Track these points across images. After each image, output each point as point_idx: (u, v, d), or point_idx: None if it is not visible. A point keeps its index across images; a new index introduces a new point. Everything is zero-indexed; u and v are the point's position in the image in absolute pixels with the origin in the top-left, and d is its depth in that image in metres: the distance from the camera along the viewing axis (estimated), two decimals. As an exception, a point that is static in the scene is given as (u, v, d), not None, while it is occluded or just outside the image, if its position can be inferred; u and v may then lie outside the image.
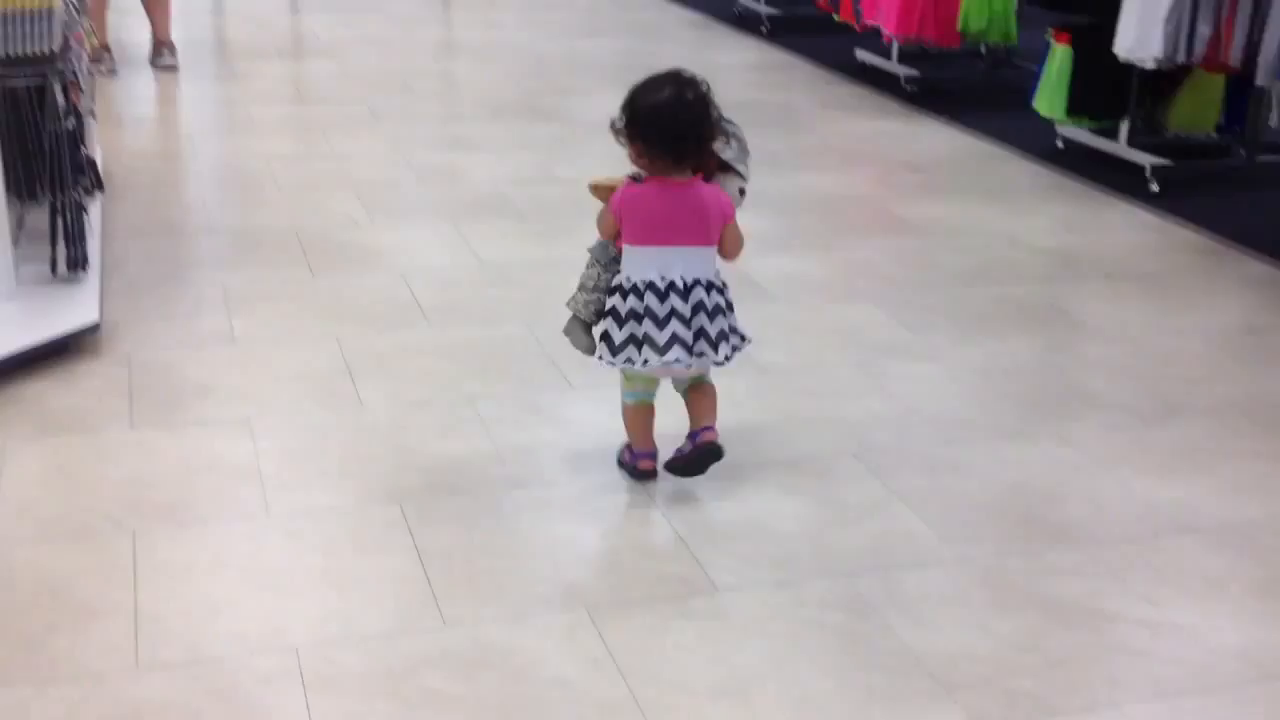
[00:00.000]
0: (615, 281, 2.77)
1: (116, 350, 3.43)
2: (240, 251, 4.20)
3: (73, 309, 3.46)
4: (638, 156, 2.74)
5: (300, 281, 3.98)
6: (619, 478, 2.90)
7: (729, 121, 2.85)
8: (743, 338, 2.84)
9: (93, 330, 3.42)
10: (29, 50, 3.41)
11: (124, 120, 5.73)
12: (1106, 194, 5.15)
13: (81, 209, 3.61)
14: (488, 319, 3.76)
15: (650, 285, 2.72)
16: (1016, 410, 3.31)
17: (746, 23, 8.27)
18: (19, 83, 3.47)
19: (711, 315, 2.74)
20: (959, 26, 6.34)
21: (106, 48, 6.45)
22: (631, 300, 2.73)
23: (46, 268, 3.60)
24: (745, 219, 2.82)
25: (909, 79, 6.60)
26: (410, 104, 6.19)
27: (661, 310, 2.71)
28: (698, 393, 2.87)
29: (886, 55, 6.84)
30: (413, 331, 3.66)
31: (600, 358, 2.78)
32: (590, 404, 3.20)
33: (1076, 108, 5.38)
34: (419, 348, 3.54)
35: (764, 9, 8.16)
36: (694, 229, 2.73)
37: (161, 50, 6.59)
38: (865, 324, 3.84)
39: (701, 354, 2.74)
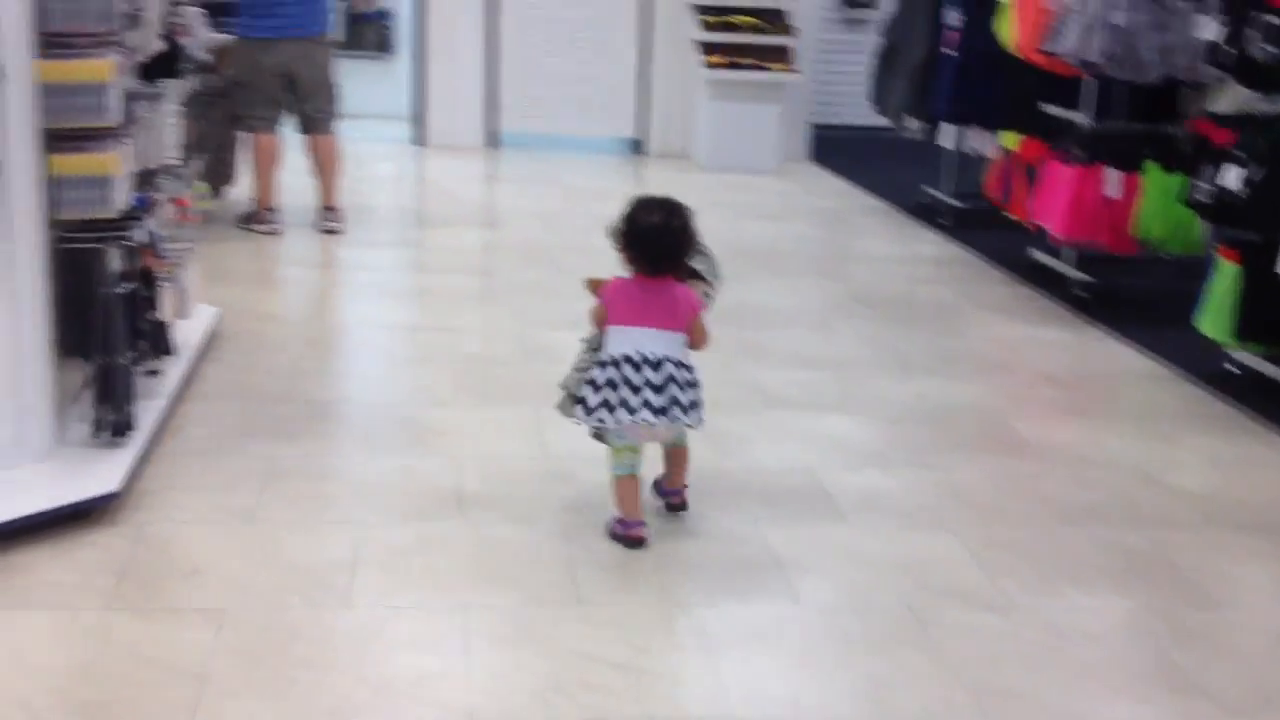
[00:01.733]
0: (598, 358, 3.32)
1: (131, 520, 3.35)
2: (307, 423, 4.11)
3: (98, 476, 3.40)
4: (626, 261, 3.34)
5: (351, 459, 3.86)
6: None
7: (705, 245, 3.52)
8: (702, 410, 3.35)
9: (109, 499, 3.35)
10: (87, 215, 3.43)
11: (263, 280, 5.83)
12: (1272, 431, 4.59)
13: (129, 374, 3.58)
14: (523, 518, 3.53)
15: (627, 359, 3.27)
16: (1081, 685, 2.86)
17: (929, 213, 7.98)
18: (75, 245, 3.48)
19: (682, 387, 3.29)
20: (1135, 233, 5.90)
21: (271, 208, 6.63)
22: (610, 371, 3.27)
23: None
24: (849, 425, 3.96)
25: (1079, 284, 6.16)
26: (549, 279, 6.11)
27: (638, 379, 3.25)
28: (675, 454, 3.54)
29: (1060, 256, 6.42)
30: (439, 525, 3.46)
31: (577, 420, 3.34)
32: (596, 628, 2.92)
33: (1246, 332, 4.87)
34: (438, 544, 3.34)
35: (948, 200, 7.86)
36: (666, 316, 3.31)
37: (327, 214, 6.74)
38: (935, 559, 3.44)
39: (673, 419, 3.27)
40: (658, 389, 3.26)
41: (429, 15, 9.56)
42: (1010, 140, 6.82)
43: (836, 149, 10.13)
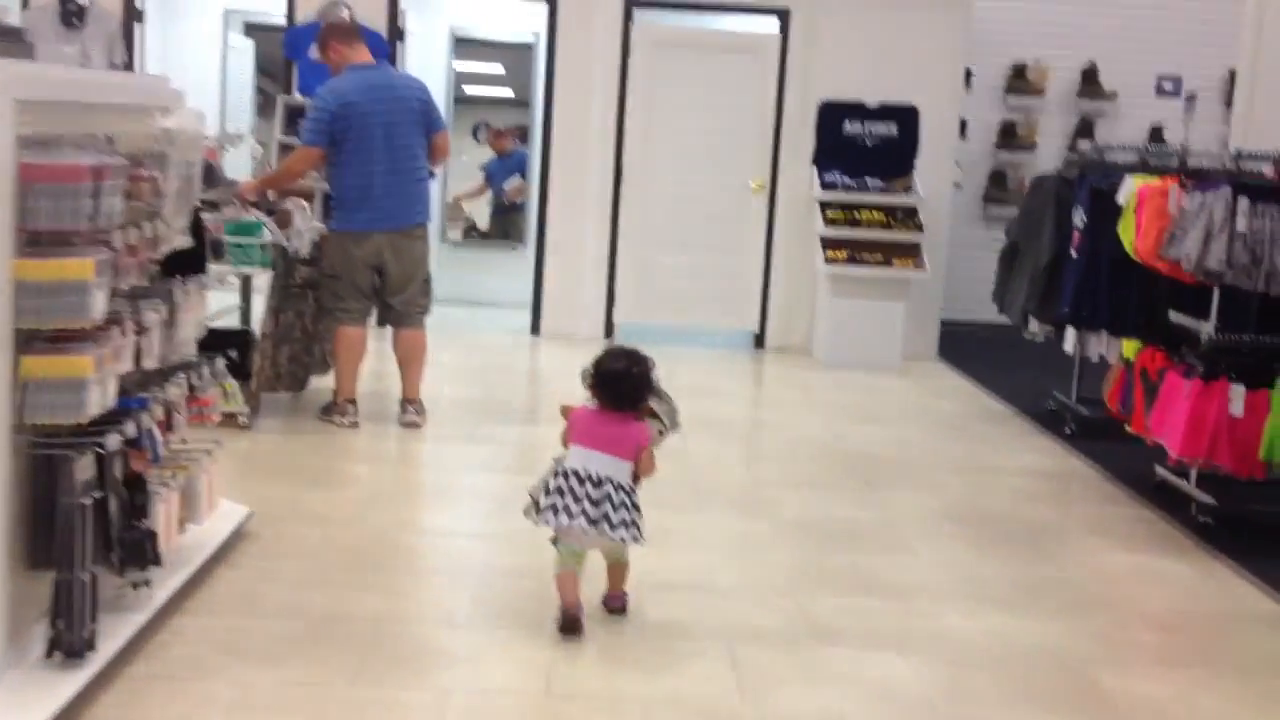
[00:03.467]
0: (555, 468, 3.94)
1: (63, 754, 3.09)
2: (299, 643, 3.83)
3: (35, 704, 3.16)
4: (593, 397, 4.00)
5: (328, 690, 3.54)
6: None
7: (666, 394, 4.16)
8: (640, 532, 3.92)
9: (42, 730, 3.10)
10: (55, 420, 3.27)
11: (319, 477, 5.65)
12: (1407, 694, 3.94)
13: (89, 590, 3.36)
14: (493, 770, 3.16)
15: (574, 473, 3.89)
16: None
17: (1055, 420, 7.44)
18: (43, 451, 3.32)
19: (615, 508, 3.86)
20: (1262, 455, 5.32)
21: (352, 400, 6.51)
22: (560, 481, 3.89)
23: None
24: (901, 668, 3.83)
25: (1203, 507, 5.56)
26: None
27: (580, 492, 3.86)
28: (614, 569, 4.13)
29: (1186, 476, 5.84)
30: (396, 775, 3.11)
31: (530, 518, 3.96)
32: None
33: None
34: (384, 799, 2.98)
35: (1074, 407, 7.33)
36: (615, 444, 3.93)
37: (407, 407, 6.60)
38: None
39: (601, 531, 3.84)
40: (595, 503, 3.85)
41: (550, 205, 9.55)
42: (1130, 349, 6.32)
43: (968, 347, 9.70)
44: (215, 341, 6.45)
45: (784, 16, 9.42)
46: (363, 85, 6.31)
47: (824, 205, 9.27)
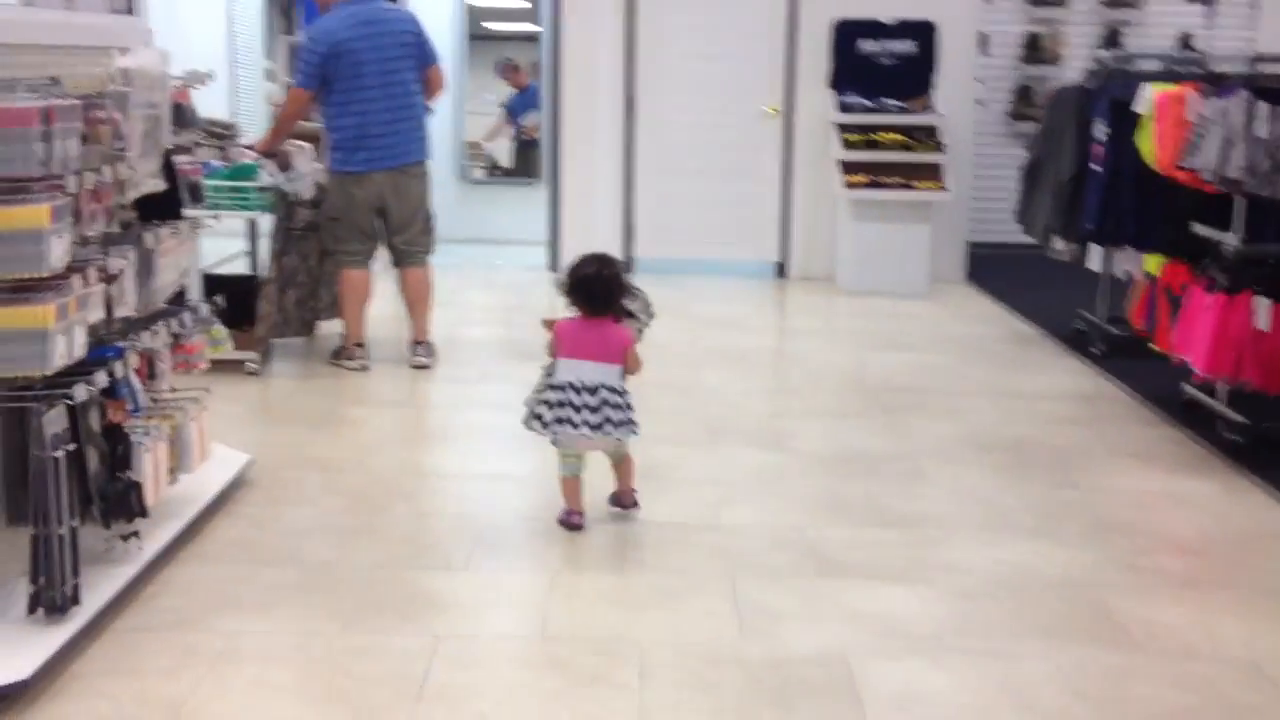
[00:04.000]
0: (549, 382, 4.15)
1: (43, 712, 3.02)
2: (292, 592, 3.75)
3: (15, 661, 3.10)
4: (571, 305, 4.20)
5: (317, 640, 3.46)
6: None
7: (638, 289, 4.34)
8: (635, 427, 4.20)
9: (20, 688, 3.04)
10: (18, 373, 3.18)
11: (325, 421, 5.56)
12: None
13: (68, 544, 3.28)
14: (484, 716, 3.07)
15: (570, 385, 4.11)
16: None
17: (1083, 342, 7.24)
18: (8, 405, 3.24)
19: (614, 409, 4.11)
20: (1290, 369, 5.13)
21: (361, 343, 6.42)
22: (558, 394, 4.11)
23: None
24: (908, 600, 3.79)
25: (1233, 425, 5.38)
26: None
27: (578, 401, 4.08)
28: (620, 465, 4.36)
29: (1214, 394, 5.65)
30: (382, 725, 3.03)
31: (534, 429, 4.17)
32: None
33: None
34: (367, 751, 2.90)
35: (1103, 326, 7.12)
36: (602, 351, 4.14)
37: (417, 348, 6.50)
38: (961, 788, 2.82)
39: (606, 433, 4.11)
40: (594, 409, 4.09)
41: (563, 139, 9.38)
42: (1153, 264, 6.11)
43: (997, 269, 9.48)
44: (219, 287, 6.45)
45: (796, -66, 9.14)
46: (352, 22, 6.15)
47: (842, 128, 9.04)
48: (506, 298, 8.69)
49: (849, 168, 8.94)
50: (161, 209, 4.02)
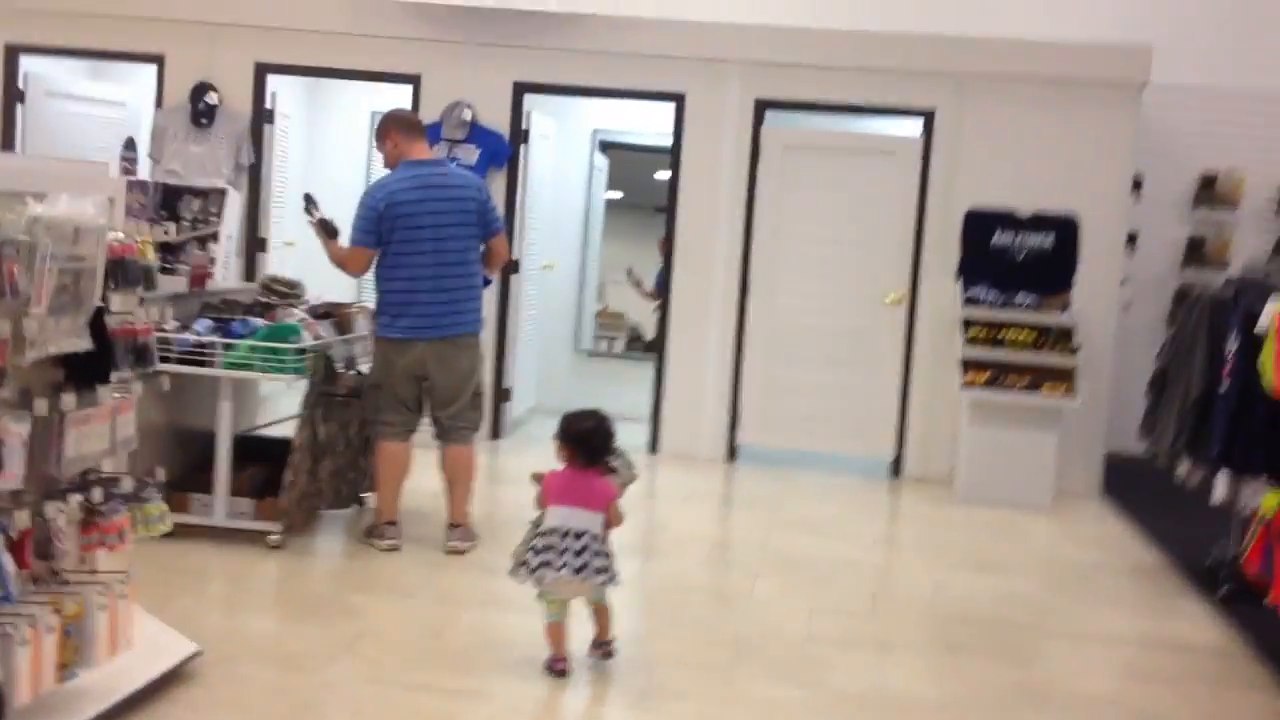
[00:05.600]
0: (538, 530, 4.40)
1: None
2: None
3: None
4: (561, 455, 4.48)
5: None
6: None
7: (622, 449, 4.61)
8: (615, 576, 4.43)
9: None
10: None
11: (314, 610, 5.12)
12: None
13: None
14: None
15: (557, 530, 4.36)
16: None
17: (1212, 579, 6.34)
18: None
19: (595, 555, 4.35)
20: None
21: (393, 522, 6.02)
22: (544, 539, 4.37)
23: None
24: None
25: (1355, 707, 4.48)
26: (657, 643, 5.10)
27: (563, 546, 4.34)
28: (598, 612, 4.56)
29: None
30: None
31: (519, 578, 4.41)
32: None
33: None
34: None
35: (1234, 565, 6.21)
36: (588, 499, 4.40)
37: (452, 532, 6.06)
38: None
39: (586, 578, 4.33)
40: (577, 554, 4.33)
41: (672, 315, 8.97)
42: (1272, 501, 5.27)
43: (1141, 484, 8.53)
44: (254, 451, 6.17)
45: (928, 118, 8.67)
46: (414, 183, 5.89)
47: (966, 323, 8.40)
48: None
49: (971, 365, 8.28)
50: (91, 371, 3.69)
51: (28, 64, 9.37)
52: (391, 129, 6.03)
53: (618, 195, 11.79)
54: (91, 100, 9.57)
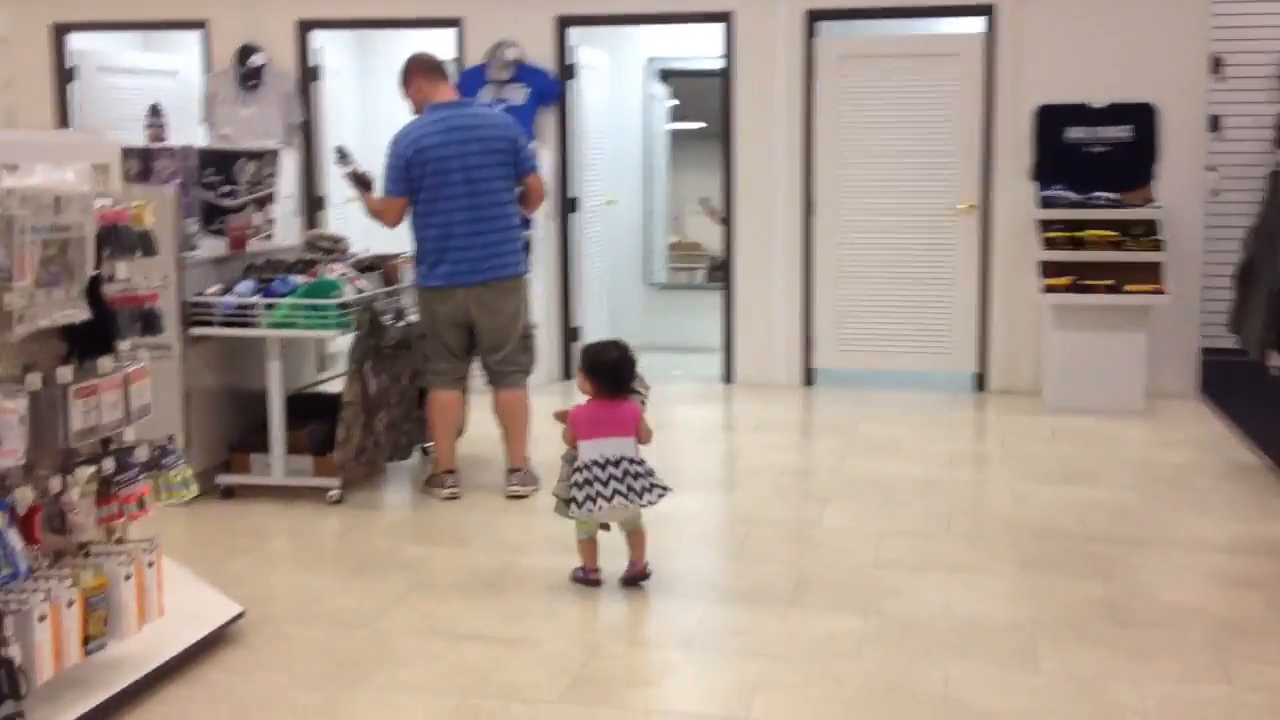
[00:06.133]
0: (575, 466, 4.49)
1: None
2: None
3: None
4: (587, 386, 4.59)
5: None
6: None
7: (639, 373, 4.67)
8: (664, 488, 4.56)
9: None
10: None
11: (368, 564, 5.04)
12: None
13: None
14: None
15: (595, 463, 4.46)
16: None
17: (1313, 476, 6.01)
18: None
19: (635, 477, 4.48)
20: None
21: (451, 470, 5.93)
22: (584, 474, 4.46)
23: None
24: None
25: None
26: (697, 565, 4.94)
27: (604, 475, 4.44)
28: (634, 535, 4.64)
29: None
30: None
31: (572, 515, 4.51)
32: None
33: None
34: None
35: (1335, 459, 5.89)
36: (619, 426, 4.51)
37: (512, 476, 5.96)
38: None
39: (631, 500, 4.47)
40: (619, 480, 4.46)
41: (736, 241, 8.74)
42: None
43: (1244, 381, 8.13)
44: (308, 408, 6.11)
45: (988, 13, 8.27)
46: (439, 126, 5.74)
47: (1043, 225, 8.04)
48: (660, 412, 8.02)
49: (1051, 269, 7.93)
50: (94, 342, 3.61)
51: (76, 41, 9.38)
52: (414, 73, 5.87)
53: (697, 126, 11.47)
54: (143, 72, 9.56)
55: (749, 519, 5.67)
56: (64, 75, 9.34)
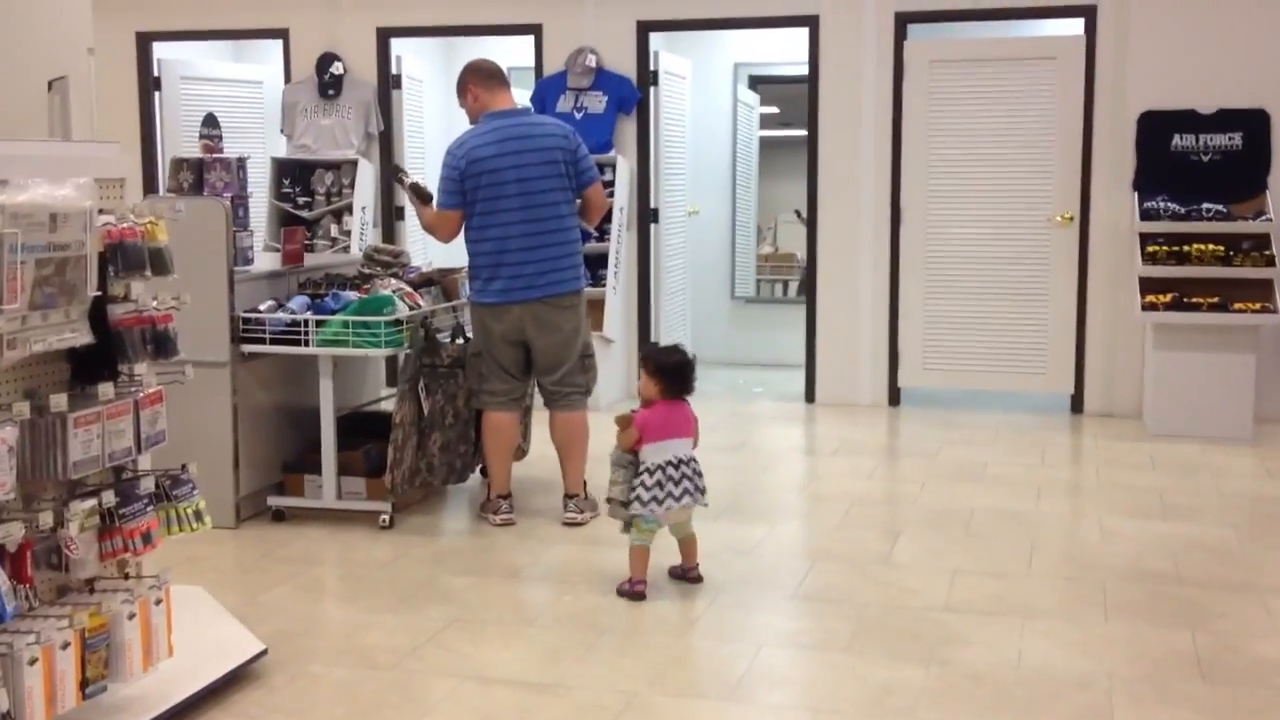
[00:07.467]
0: (642, 469, 4.62)
1: None
2: None
3: None
4: (652, 388, 4.72)
5: None
6: None
7: None
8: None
9: None
10: None
11: (410, 595, 4.83)
12: None
13: None
14: None
15: (668, 463, 4.61)
16: None
17: None
18: None
19: (696, 476, 4.68)
20: None
21: (505, 495, 5.71)
22: (657, 475, 4.58)
23: None
24: None
25: None
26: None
27: (676, 475, 4.60)
28: (686, 542, 4.80)
29: None
30: None
31: (637, 514, 4.61)
32: None
33: None
34: None
35: None
36: (682, 428, 4.70)
37: (568, 502, 5.72)
38: None
39: (695, 499, 4.67)
40: (690, 479, 4.62)
41: (820, 254, 8.42)
42: None
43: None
44: (363, 428, 5.94)
45: (1089, 14, 7.84)
46: (495, 136, 5.52)
47: (1144, 238, 7.59)
48: (738, 434, 7.74)
49: (1151, 285, 7.48)
50: (99, 366, 3.45)
51: (160, 51, 9.38)
52: (470, 81, 5.67)
53: (790, 134, 11.13)
54: (227, 81, 9.53)
55: (813, 552, 5.36)
56: (149, 85, 9.33)
